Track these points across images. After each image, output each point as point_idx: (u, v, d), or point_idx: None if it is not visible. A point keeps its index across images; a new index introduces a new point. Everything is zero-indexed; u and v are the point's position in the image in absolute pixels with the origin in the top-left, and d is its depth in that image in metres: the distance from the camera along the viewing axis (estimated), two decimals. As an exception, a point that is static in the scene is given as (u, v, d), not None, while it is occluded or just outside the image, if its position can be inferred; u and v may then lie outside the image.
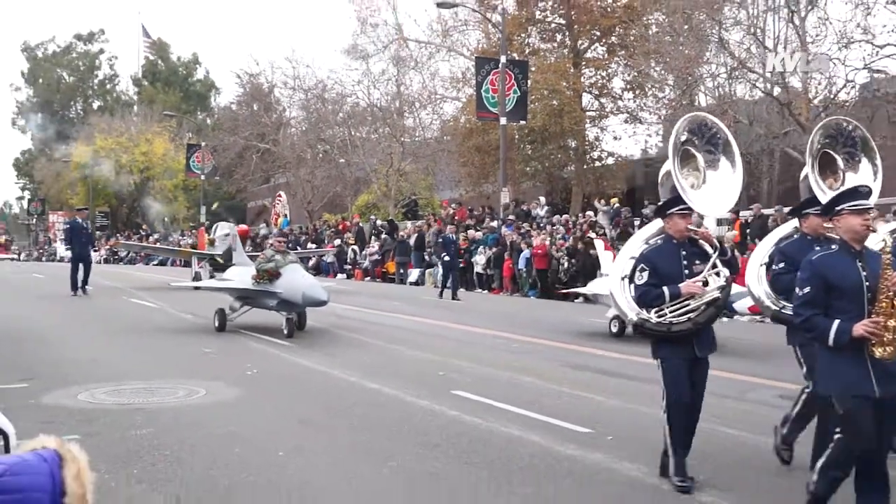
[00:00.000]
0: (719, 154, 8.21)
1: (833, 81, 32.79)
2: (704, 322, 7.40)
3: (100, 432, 9.47)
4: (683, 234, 7.55)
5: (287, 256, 17.80)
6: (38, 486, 2.50)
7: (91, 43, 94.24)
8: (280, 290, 16.56)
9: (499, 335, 18.75)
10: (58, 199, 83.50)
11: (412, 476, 8.12)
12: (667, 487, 7.70)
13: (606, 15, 45.84)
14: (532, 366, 14.64)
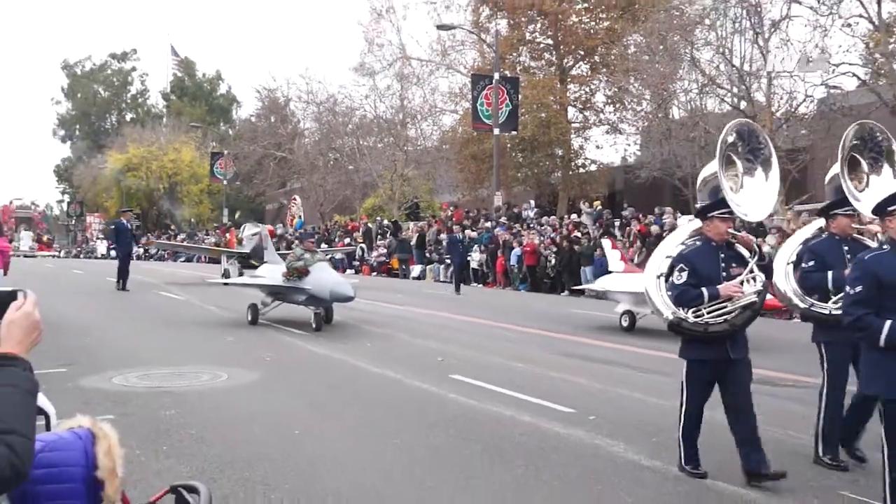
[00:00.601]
0: (757, 164, 7.82)
1: (794, 96, 32.86)
2: (741, 325, 6.97)
3: (132, 413, 9.45)
4: (723, 237, 7.15)
5: (315, 255, 17.33)
6: (74, 461, 2.49)
7: (124, 61, 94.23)
8: (309, 287, 16.19)
9: (492, 325, 18.75)
10: (94, 202, 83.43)
11: (414, 451, 8.11)
12: (646, 463, 7.69)
13: (590, 36, 46.07)
14: (522, 352, 14.63)
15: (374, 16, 51.16)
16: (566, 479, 7.20)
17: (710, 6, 34.07)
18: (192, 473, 6.77)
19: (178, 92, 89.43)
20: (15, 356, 2.36)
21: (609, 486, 7.03)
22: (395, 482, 7.04)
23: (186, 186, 73.07)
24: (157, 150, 73.80)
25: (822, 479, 7.22)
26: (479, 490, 6.93)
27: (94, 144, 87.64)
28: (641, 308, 16.79)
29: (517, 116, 41.07)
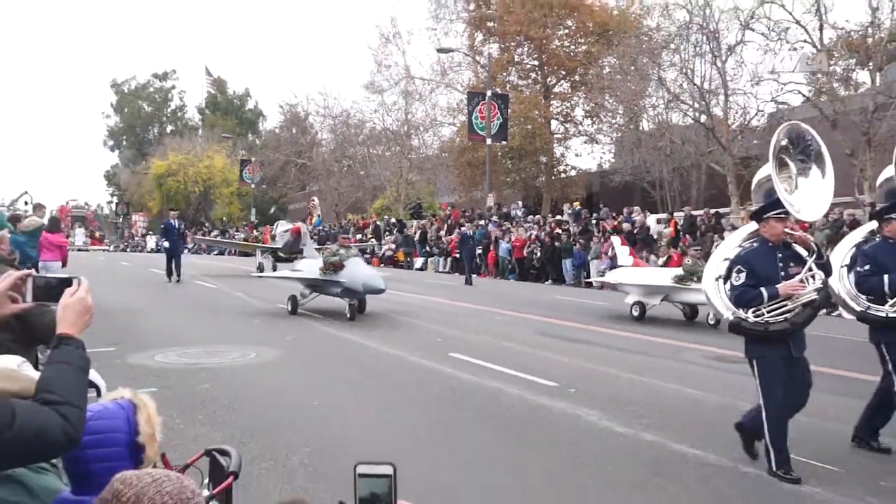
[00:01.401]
0: (811, 162, 7.22)
1: (747, 111, 32.86)
2: (802, 323, 6.39)
3: (172, 386, 9.45)
4: (780, 237, 6.52)
5: (350, 251, 16.65)
6: (118, 428, 2.49)
7: (165, 80, 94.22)
8: (344, 280, 15.53)
9: (485, 309, 18.73)
10: (139, 203, 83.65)
11: (418, 419, 8.12)
12: (619, 430, 7.68)
13: (570, 58, 46.19)
14: (512, 333, 14.64)
15: (383, 40, 51.33)
16: (549, 444, 7.21)
17: (675, 32, 34.02)
18: (224, 439, 6.76)
19: (211, 107, 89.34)
20: (70, 336, 2.37)
21: (586, 448, 7.05)
22: (402, 446, 7.04)
23: (219, 189, 73.13)
24: (194, 157, 73.82)
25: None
26: (473, 450, 6.94)
27: (139, 153, 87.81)
28: (649, 299, 16.67)
29: (507, 128, 41.09)
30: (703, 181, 37.28)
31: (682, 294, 16.08)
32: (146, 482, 1.77)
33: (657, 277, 17.03)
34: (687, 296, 15.94)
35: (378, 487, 1.74)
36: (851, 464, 6.65)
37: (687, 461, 6.70)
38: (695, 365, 11.71)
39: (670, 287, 16.14)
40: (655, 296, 16.63)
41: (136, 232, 79.69)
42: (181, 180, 72.29)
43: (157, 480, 1.79)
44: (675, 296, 16.38)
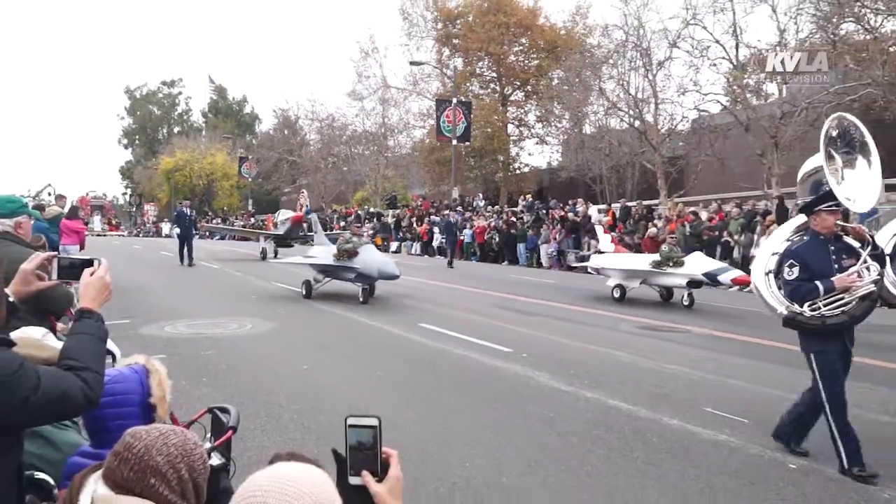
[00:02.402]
0: (857, 153, 6.31)
1: (674, 117, 33.06)
2: (860, 316, 5.56)
3: (179, 353, 9.37)
4: (831, 229, 5.66)
5: (362, 238, 15.62)
6: (132, 390, 2.48)
7: (172, 87, 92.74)
8: (358, 266, 14.43)
9: (452, 286, 18.76)
10: (150, 195, 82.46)
11: (392, 379, 8.13)
12: (564, 388, 7.75)
13: (524, 71, 46.37)
14: (473, 306, 14.69)
15: (363, 54, 50.98)
16: (504, 401, 7.26)
17: (613, 49, 34.04)
18: (225, 398, 6.73)
19: (213, 111, 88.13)
20: (90, 310, 2.37)
21: (535, 404, 7.10)
22: (378, 402, 7.05)
23: (220, 183, 72.34)
24: (198, 154, 72.87)
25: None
26: (439, 407, 6.97)
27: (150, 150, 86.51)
28: (629, 282, 16.03)
29: (470, 131, 41.08)
30: (637, 177, 37.51)
31: (659, 277, 15.52)
32: (154, 436, 1.77)
33: (636, 262, 16.52)
34: (663, 279, 15.46)
35: (365, 437, 1.75)
36: (756, 416, 6.77)
37: (621, 414, 6.78)
38: (628, 334, 11.83)
39: (648, 271, 15.55)
40: (634, 279, 16.03)
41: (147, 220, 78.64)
42: (187, 175, 71.36)
43: (164, 434, 1.79)
44: (653, 279, 15.76)
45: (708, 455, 5.66)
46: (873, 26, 23.86)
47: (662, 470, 5.31)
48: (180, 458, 1.77)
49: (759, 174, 26.91)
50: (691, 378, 8.35)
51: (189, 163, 71.61)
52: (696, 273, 14.69)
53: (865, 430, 6.32)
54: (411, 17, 48.79)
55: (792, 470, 5.33)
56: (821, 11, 25.76)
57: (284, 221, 28.38)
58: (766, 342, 11.16)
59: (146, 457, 1.72)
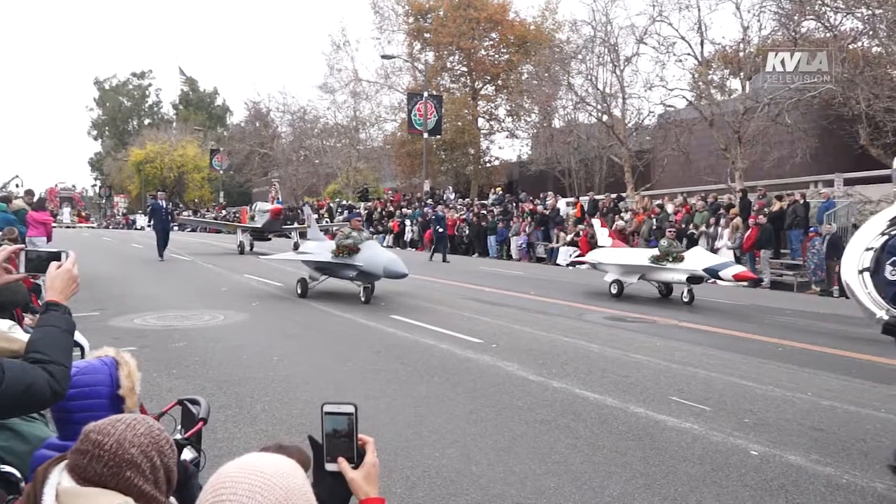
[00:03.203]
0: None
1: (641, 112, 33.36)
2: None
3: (150, 345, 9.26)
4: None
5: (363, 234, 14.05)
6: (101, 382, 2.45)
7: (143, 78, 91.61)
8: (360, 264, 13.13)
9: (422, 278, 18.73)
10: (120, 187, 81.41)
11: (363, 370, 8.10)
12: (532, 378, 7.79)
13: (494, 66, 46.41)
14: (444, 298, 14.69)
15: (334, 47, 51.01)
16: (474, 390, 7.28)
17: (582, 45, 34.26)
18: (196, 390, 6.68)
19: (184, 103, 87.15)
20: (57, 303, 2.34)
21: (505, 394, 7.13)
22: (348, 393, 7.03)
23: (191, 175, 71.62)
24: (169, 146, 72.04)
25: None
26: (410, 397, 6.96)
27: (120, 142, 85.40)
28: (627, 277, 15.40)
29: (441, 125, 41.07)
30: (605, 170, 37.81)
31: (658, 273, 14.91)
32: (121, 429, 1.74)
33: (634, 257, 15.78)
34: (662, 274, 14.89)
35: (341, 424, 1.74)
36: (719, 404, 6.87)
37: (589, 403, 6.83)
38: (596, 324, 11.92)
39: (647, 266, 14.92)
40: (632, 274, 15.40)
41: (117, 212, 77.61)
42: (158, 167, 70.53)
43: (130, 425, 1.76)
44: (652, 274, 15.13)
45: (672, 442, 5.73)
46: (833, 24, 24.26)
47: (628, 457, 5.37)
48: (151, 446, 1.75)
49: (722, 168, 27.28)
50: (657, 367, 8.45)
51: (160, 155, 70.80)
52: (696, 268, 14.20)
53: (843, 421, 6.47)
54: (382, 11, 48.69)
55: (753, 456, 5.41)
56: (783, 9, 26.15)
57: (262, 214, 27.32)
58: (730, 332, 11.34)
59: (120, 451, 1.70)
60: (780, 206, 21.16)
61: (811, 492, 4.76)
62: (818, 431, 6.06)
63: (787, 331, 11.61)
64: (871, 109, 20.28)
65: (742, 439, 5.80)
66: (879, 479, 5.01)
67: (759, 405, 6.85)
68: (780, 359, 9.21)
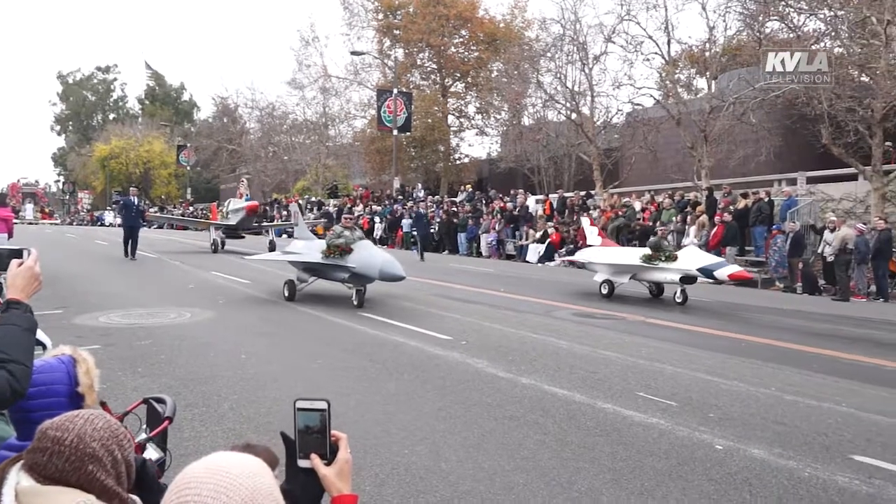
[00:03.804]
0: None
1: (609, 110, 33.62)
2: None
3: (114, 343, 9.11)
4: None
5: (355, 233, 13.15)
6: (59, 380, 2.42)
7: (107, 73, 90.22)
8: (353, 265, 12.25)
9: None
10: (84, 183, 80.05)
11: (332, 368, 8.07)
12: (501, 375, 7.81)
13: (464, 63, 46.38)
14: (413, 295, 14.66)
15: (303, 43, 50.73)
16: (443, 387, 7.28)
17: (551, 43, 34.42)
18: (162, 388, 6.59)
19: (150, 98, 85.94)
20: (18, 301, 2.31)
21: (474, 390, 7.14)
22: (317, 390, 6.97)
23: (157, 171, 70.62)
24: (134, 142, 70.96)
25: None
26: (379, 394, 6.95)
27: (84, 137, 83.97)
28: (618, 277, 14.98)
29: (411, 121, 41.02)
30: (573, 168, 38.02)
31: (650, 273, 14.56)
32: (80, 424, 1.72)
33: (625, 257, 15.44)
34: (654, 274, 14.52)
35: (314, 420, 1.74)
36: (685, 399, 6.95)
37: (557, 400, 6.87)
38: (564, 321, 12.00)
39: (638, 266, 14.58)
40: (623, 274, 15.01)
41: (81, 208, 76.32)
42: (123, 162, 69.44)
43: (88, 419, 1.74)
44: (643, 274, 14.78)
45: (639, 437, 5.79)
46: (796, 25, 24.65)
47: (596, 452, 5.41)
48: (111, 440, 1.73)
49: (689, 166, 27.58)
50: (625, 363, 8.53)
51: (125, 150, 69.76)
52: (689, 268, 13.90)
53: (805, 415, 6.59)
54: (352, 7, 48.41)
55: (718, 451, 5.49)
56: (748, 10, 26.51)
57: (237, 211, 26.03)
58: (696, 328, 11.49)
59: (81, 445, 1.68)
60: (745, 203, 21.49)
61: (774, 485, 4.84)
62: (781, 425, 6.17)
63: (752, 327, 11.80)
64: (833, 109, 20.63)
65: (707, 434, 5.88)
66: (840, 472, 5.11)
67: (724, 400, 6.95)
68: (744, 354, 9.35)
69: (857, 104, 20.28)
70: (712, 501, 4.56)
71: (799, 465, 5.21)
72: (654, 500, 4.57)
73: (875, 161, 20.04)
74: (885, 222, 17.89)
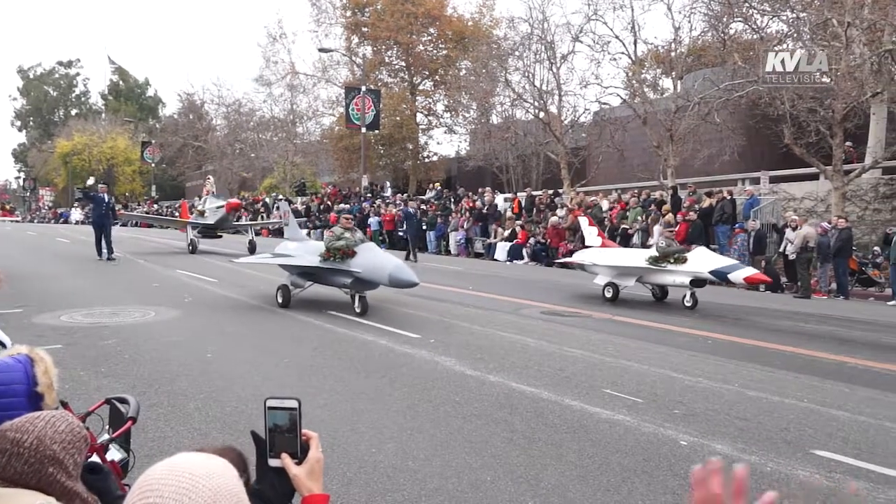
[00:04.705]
0: None
1: (576, 109, 33.86)
2: None
3: (77, 343, 8.96)
4: None
5: (356, 234, 12.27)
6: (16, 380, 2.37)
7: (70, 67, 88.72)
8: (358, 270, 11.31)
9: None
10: (45, 179, 78.58)
11: (300, 366, 8.01)
12: (469, 373, 7.82)
13: (433, 61, 46.44)
14: (380, 294, 14.59)
15: (270, 39, 50.32)
16: (412, 386, 7.28)
17: (519, 42, 34.55)
18: (126, 389, 6.50)
19: (114, 93, 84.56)
20: None
21: (442, 389, 7.14)
22: (285, 389, 6.94)
23: (121, 168, 69.49)
24: (98, 138, 69.76)
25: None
26: (347, 393, 6.92)
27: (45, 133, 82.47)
28: (622, 280, 14.25)
29: (379, 119, 40.87)
30: (541, 167, 38.23)
31: (658, 275, 13.85)
32: (40, 426, 1.69)
33: (630, 259, 14.65)
34: (663, 277, 13.80)
35: (284, 419, 1.72)
36: (650, 396, 7.03)
37: (525, 397, 6.90)
38: (531, 319, 12.06)
39: (645, 268, 13.84)
40: (628, 277, 14.24)
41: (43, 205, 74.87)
42: (86, 159, 68.23)
43: (50, 421, 1.71)
44: (650, 277, 14.06)
45: (606, 434, 5.84)
46: (759, 26, 25.04)
47: (563, 449, 5.45)
48: (72, 443, 1.70)
49: (655, 165, 27.87)
50: (591, 361, 8.60)
51: (88, 146, 68.60)
52: (701, 270, 13.21)
53: (767, 411, 6.70)
54: (320, 4, 48.16)
55: (683, 447, 5.56)
56: (712, 11, 26.87)
57: (216, 209, 24.58)
58: (662, 325, 11.62)
59: (41, 447, 1.65)
60: (709, 202, 21.78)
61: (737, 479, 4.91)
62: (744, 421, 6.27)
63: (716, 324, 11.97)
64: (795, 110, 20.99)
65: (672, 430, 5.95)
66: (802, 466, 5.21)
67: (689, 397, 7.04)
68: (709, 351, 9.49)
69: (819, 105, 20.66)
70: (676, 497, 4.61)
71: (761, 460, 5.30)
72: (620, 495, 4.62)
73: (836, 161, 20.44)
74: (846, 221, 18.27)
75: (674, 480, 4.87)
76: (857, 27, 20.11)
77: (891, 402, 7.16)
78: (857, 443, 5.78)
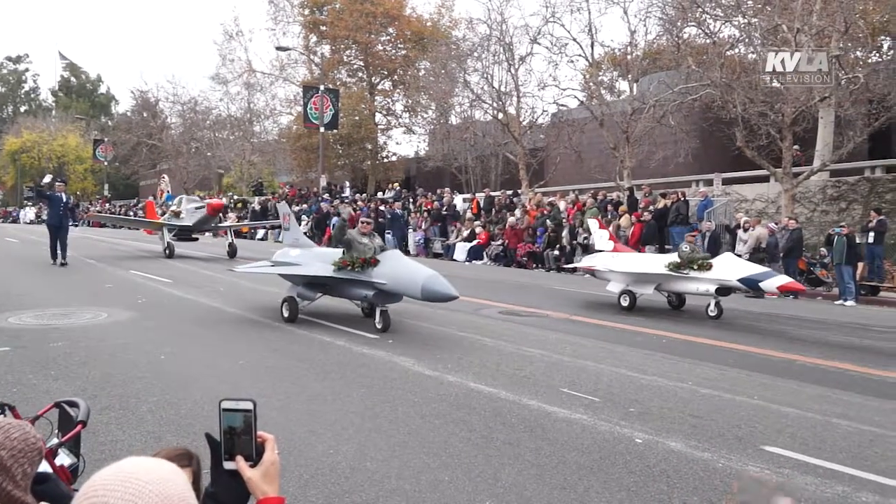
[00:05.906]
0: None
1: (535, 110, 34.09)
2: None
3: (25, 345, 8.72)
4: None
5: (375, 240, 10.88)
6: None
7: (18, 63, 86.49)
8: (382, 281, 10.01)
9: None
10: (-7, 178, 76.44)
11: (257, 368, 7.92)
12: (428, 373, 7.82)
13: (391, 61, 46.39)
14: (340, 294, 14.53)
15: (227, 37, 49.66)
16: (370, 386, 7.25)
17: (477, 43, 34.68)
18: (77, 392, 6.35)
19: (65, 90, 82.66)
20: None
21: (401, 389, 7.13)
22: (241, 391, 6.85)
23: (73, 166, 67.93)
24: (48, 136, 68.15)
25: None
26: (305, 394, 6.86)
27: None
28: (640, 287, 13.37)
29: (338, 119, 40.64)
30: (500, 167, 38.43)
31: (679, 283, 12.92)
32: None
33: (647, 265, 13.62)
34: (685, 284, 12.85)
35: (239, 421, 1.70)
36: (607, 395, 7.12)
37: (483, 397, 6.93)
38: (490, 319, 12.11)
39: (664, 275, 12.92)
40: (647, 284, 13.32)
41: (-10, 204, 72.86)
42: (35, 157, 66.62)
43: (3, 429, 1.66)
44: (670, 284, 13.15)
45: (563, 432, 5.89)
46: (713, 31, 25.53)
47: (521, 448, 5.48)
48: (23, 452, 1.65)
49: (612, 166, 28.21)
50: (549, 360, 8.66)
51: (37, 144, 66.97)
52: (729, 278, 12.22)
53: (720, 408, 6.82)
54: (277, 2, 47.82)
55: (638, 444, 5.63)
56: (667, 15, 27.30)
57: (194, 210, 22.53)
58: (618, 325, 11.76)
59: None
60: (664, 203, 22.12)
61: (690, 476, 5.00)
62: (697, 419, 6.38)
63: (671, 324, 12.15)
64: (747, 113, 21.43)
65: (628, 428, 6.03)
66: (752, 462, 5.32)
67: (644, 395, 7.14)
68: (664, 350, 9.63)
69: (769, 108, 21.13)
70: (632, 493, 4.68)
71: (713, 457, 5.40)
72: (577, 493, 4.67)
73: (785, 163, 20.93)
74: (796, 222, 18.71)
75: (629, 477, 4.93)
76: (806, 33, 20.61)
77: (838, 398, 7.35)
78: (805, 439, 5.92)
